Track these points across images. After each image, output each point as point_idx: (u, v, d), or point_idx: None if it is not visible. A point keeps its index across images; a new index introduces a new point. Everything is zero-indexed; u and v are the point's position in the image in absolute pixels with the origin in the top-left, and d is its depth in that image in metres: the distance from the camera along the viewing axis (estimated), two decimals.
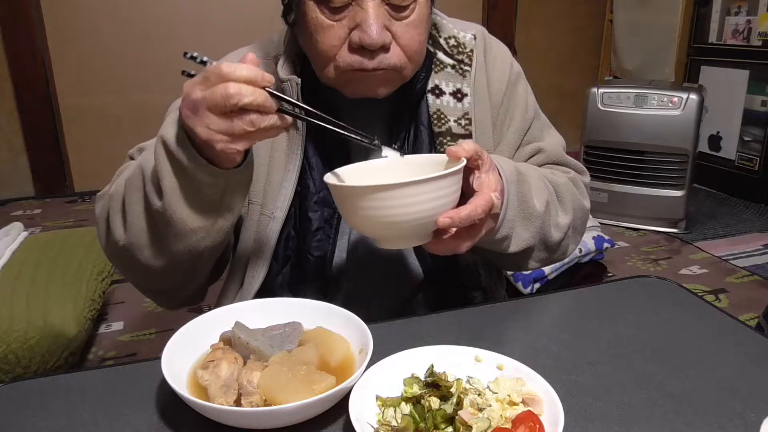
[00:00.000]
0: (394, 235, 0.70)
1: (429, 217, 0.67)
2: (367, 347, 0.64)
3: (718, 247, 2.69)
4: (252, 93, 0.62)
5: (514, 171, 0.80)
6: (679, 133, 2.72)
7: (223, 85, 0.62)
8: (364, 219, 0.68)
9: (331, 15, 0.75)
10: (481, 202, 0.69)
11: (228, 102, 0.61)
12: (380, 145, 0.74)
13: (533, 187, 0.82)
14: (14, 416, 0.63)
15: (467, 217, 0.68)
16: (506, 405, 0.59)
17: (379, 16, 0.73)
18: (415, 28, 0.77)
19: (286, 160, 0.85)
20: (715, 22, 3.40)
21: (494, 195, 0.71)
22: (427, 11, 0.79)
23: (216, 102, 0.62)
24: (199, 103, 0.63)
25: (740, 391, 0.65)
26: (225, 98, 0.61)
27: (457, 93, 0.88)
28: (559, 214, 0.87)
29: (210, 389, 0.61)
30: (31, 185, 3.33)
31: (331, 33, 0.75)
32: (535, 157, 0.96)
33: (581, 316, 0.81)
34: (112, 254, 0.81)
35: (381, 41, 0.74)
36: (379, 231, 0.70)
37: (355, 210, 0.68)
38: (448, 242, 0.71)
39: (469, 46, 0.89)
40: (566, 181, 0.91)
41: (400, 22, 0.76)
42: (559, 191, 0.89)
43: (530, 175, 0.83)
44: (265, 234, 0.86)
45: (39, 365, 1.55)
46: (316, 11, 0.75)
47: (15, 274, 1.79)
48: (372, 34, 0.73)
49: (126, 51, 3.26)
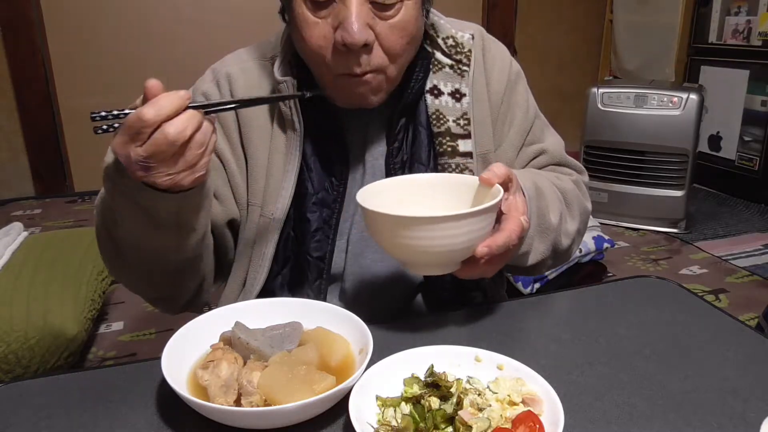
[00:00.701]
0: (428, 263, 0.69)
1: (466, 248, 0.68)
2: (367, 347, 0.64)
3: (718, 247, 2.69)
4: (188, 121, 0.60)
5: (533, 187, 0.81)
6: (679, 133, 2.72)
7: (161, 134, 0.59)
8: (401, 247, 0.69)
9: (315, 11, 0.74)
10: (515, 228, 0.70)
11: (175, 145, 0.60)
12: (310, 95, 0.77)
13: (549, 201, 0.84)
14: (14, 416, 0.63)
15: (504, 246, 0.69)
16: (506, 405, 0.59)
17: (361, 14, 0.73)
18: (399, 30, 0.76)
19: (285, 161, 0.85)
20: (715, 22, 3.40)
21: (523, 219, 0.72)
22: (414, 14, 0.77)
23: (164, 151, 0.60)
24: (147, 160, 0.60)
25: (740, 391, 0.65)
26: (171, 144, 0.60)
27: (455, 93, 0.88)
28: (568, 221, 0.88)
29: (210, 389, 0.61)
30: (31, 185, 3.33)
31: (316, 31, 0.75)
32: (539, 158, 0.97)
33: (581, 316, 0.81)
34: (105, 262, 0.84)
35: (362, 40, 0.73)
36: (413, 258, 0.70)
37: (393, 237, 0.68)
38: (481, 268, 0.72)
39: (467, 46, 0.88)
40: (573, 187, 0.93)
41: (384, 22, 0.75)
42: (567, 198, 0.90)
43: (545, 187, 0.85)
44: (266, 235, 0.86)
45: (39, 365, 1.55)
46: (302, 6, 0.75)
47: (15, 274, 1.79)
48: (354, 33, 0.72)
49: (126, 51, 3.26)
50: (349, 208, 0.89)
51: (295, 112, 0.83)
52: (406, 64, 0.82)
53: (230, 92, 0.87)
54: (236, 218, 0.88)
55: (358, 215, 0.88)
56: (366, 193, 0.73)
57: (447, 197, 0.77)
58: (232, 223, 0.89)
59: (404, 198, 0.77)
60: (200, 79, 0.91)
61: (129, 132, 0.60)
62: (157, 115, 0.59)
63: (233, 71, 0.87)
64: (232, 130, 0.87)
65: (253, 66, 0.88)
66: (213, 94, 0.87)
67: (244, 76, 0.87)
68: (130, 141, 0.60)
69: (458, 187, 0.76)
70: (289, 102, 0.83)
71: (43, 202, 3.27)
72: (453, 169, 0.88)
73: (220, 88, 0.87)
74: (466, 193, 0.76)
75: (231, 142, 0.87)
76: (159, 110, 0.59)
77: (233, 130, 0.87)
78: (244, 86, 0.87)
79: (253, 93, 0.86)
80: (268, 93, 0.86)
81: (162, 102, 0.59)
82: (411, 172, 0.88)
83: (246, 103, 0.75)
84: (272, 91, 0.86)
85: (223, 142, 0.87)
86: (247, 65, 0.88)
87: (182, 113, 0.61)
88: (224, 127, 0.87)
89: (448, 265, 0.71)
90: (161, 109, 0.59)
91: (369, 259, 0.89)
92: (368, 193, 0.73)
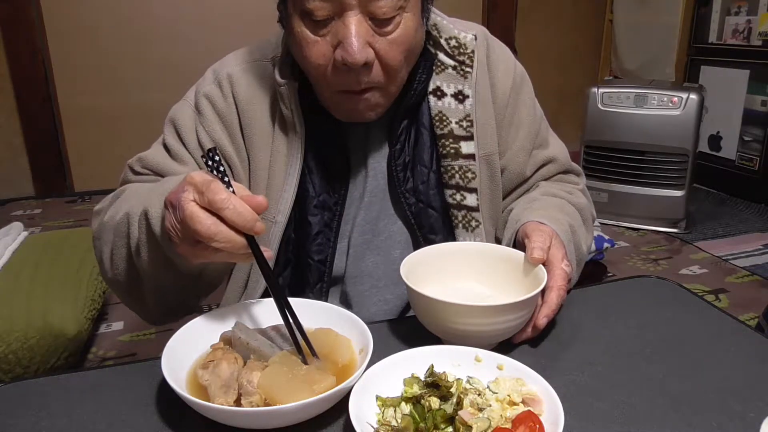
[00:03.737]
0: (476, 345, 0.68)
1: (514, 329, 0.71)
2: (367, 347, 0.64)
3: (718, 247, 2.69)
4: (226, 241, 0.59)
5: (568, 230, 0.85)
6: (679, 133, 2.72)
7: (200, 218, 0.59)
8: (447, 330, 0.70)
9: (314, 29, 0.74)
10: (563, 284, 0.74)
11: (202, 240, 0.60)
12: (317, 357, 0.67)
13: (580, 234, 0.89)
14: (14, 416, 0.63)
15: (558, 306, 0.73)
16: (506, 405, 0.59)
17: (360, 33, 0.72)
18: (398, 45, 0.75)
19: (286, 164, 0.85)
20: (715, 22, 3.40)
21: (564, 266, 0.76)
22: (413, 25, 0.76)
23: (188, 236, 0.61)
24: (178, 230, 0.62)
25: (740, 391, 0.65)
26: (196, 235, 0.59)
27: (458, 94, 0.88)
28: (587, 238, 0.93)
29: (210, 389, 0.61)
30: (31, 185, 3.33)
31: (316, 49, 0.74)
32: (548, 167, 0.98)
33: (581, 316, 0.81)
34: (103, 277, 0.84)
35: (363, 59, 0.72)
36: (461, 341, 0.69)
37: (441, 321, 0.70)
38: (536, 331, 0.74)
39: (470, 46, 0.87)
40: (586, 202, 0.97)
41: (383, 38, 0.74)
42: (584, 215, 0.94)
43: (574, 218, 0.89)
44: (268, 239, 0.85)
45: (39, 365, 1.55)
46: (301, 25, 0.74)
47: (15, 274, 1.79)
48: (354, 53, 0.71)
49: (126, 51, 3.26)
50: (350, 211, 0.89)
51: (297, 115, 0.83)
52: (405, 77, 0.82)
53: (232, 93, 0.86)
54: None
55: (360, 218, 0.88)
56: (409, 264, 0.75)
57: (486, 267, 0.81)
58: None
59: (447, 267, 0.80)
60: (201, 80, 0.90)
61: (201, 186, 0.59)
62: (221, 207, 0.59)
63: (234, 72, 0.87)
64: (236, 131, 0.86)
65: (255, 66, 0.87)
66: (215, 95, 0.87)
67: (245, 76, 0.87)
68: (194, 192, 0.60)
69: (498, 257, 0.80)
70: (291, 104, 0.82)
71: (43, 202, 3.27)
72: (456, 171, 0.88)
73: (222, 89, 0.87)
74: (504, 261, 0.80)
75: (235, 143, 0.87)
76: (228, 207, 0.59)
77: (237, 132, 0.86)
78: (246, 87, 0.86)
79: (254, 94, 0.86)
80: (270, 94, 0.86)
81: (238, 207, 0.59)
82: (413, 173, 0.88)
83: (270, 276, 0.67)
84: (273, 93, 0.85)
85: (229, 145, 0.86)
86: (249, 66, 0.88)
87: (236, 234, 0.60)
88: (228, 128, 0.86)
89: (492, 344, 0.73)
90: (230, 209, 0.59)
91: (370, 262, 0.89)
92: (411, 264, 0.76)
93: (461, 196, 0.88)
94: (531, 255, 0.75)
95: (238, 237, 0.60)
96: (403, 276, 0.72)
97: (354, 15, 0.71)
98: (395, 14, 0.73)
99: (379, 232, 0.89)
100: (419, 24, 0.79)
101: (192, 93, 0.89)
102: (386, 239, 0.89)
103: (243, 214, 0.59)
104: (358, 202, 0.89)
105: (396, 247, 0.89)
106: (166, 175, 0.85)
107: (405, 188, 0.87)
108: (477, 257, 0.81)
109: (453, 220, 0.89)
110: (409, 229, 0.89)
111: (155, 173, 0.87)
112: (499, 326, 0.69)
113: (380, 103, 0.80)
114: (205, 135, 0.86)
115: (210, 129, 0.86)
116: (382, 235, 0.89)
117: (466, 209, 0.89)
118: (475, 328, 0.68)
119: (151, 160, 0.87)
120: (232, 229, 0.59)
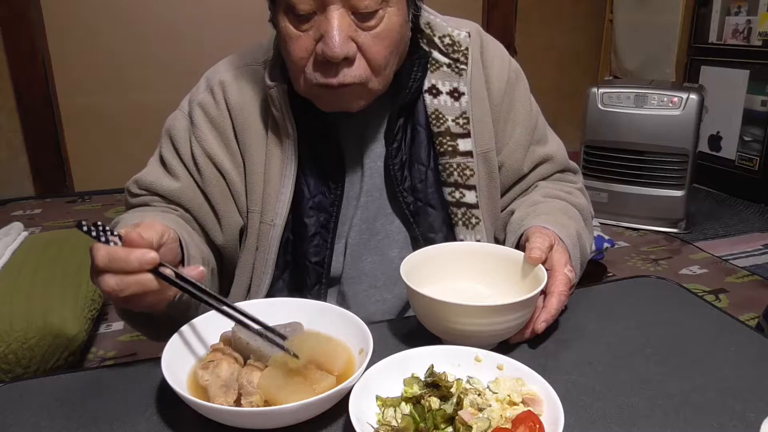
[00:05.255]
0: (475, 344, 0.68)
1: (513, 329, 0.71)
2: (367, 347, 0.64)
3: (718, 247, 2.69)
4: (136, 286, 0.60)
5: (575, 235, 0.85)
6: (679, 133, 2.72)
7: (104, 281, 0.61)
8: (447, 330, 0.70)
9: (297, 24, 0.74)
10: (564, 289, 0.75)
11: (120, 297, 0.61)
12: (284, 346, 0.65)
13: (585, 238, 0.89)
14: (14, 416, 0.63)
15: (558, 310, 0.74)
16: (506, 405, 0.59)
17: (342, 27, 0.72)
18: (382, 40, 0.75)
19: (281, 166, 0.85)
20: (715, 22, 3.40)
21: (567, 270, 0.76)
22: (398, 20, 0.76)
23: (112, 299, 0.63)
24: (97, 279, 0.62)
25: (740, 391, 0.65)
26: (110, 297, 0.62)
27: (454, 92, 0.88)
28: (590, 239, 0.94)
29: (210, 389, 0.61)
30: (31, 185, 3.33)
31: (299, 44, 0.75)
32: (546, 165, 0.98)
33: (581, 316, 0.81)
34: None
35: (343, 53, 0.72)
36: (460, 341, 0.69)
37: (441, 321, 0.70)
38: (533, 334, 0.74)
39: (464, 44, 0.87)
40: (585, 203, 0.97)
41: (366, 33, 0.74)
42: (584, 215, 0.94)
43: (579, 222, 0.89)
44: (267, 242, 0.85)
45: (39, 365, 1.55)
46: (285, 20, 0.75)
47: (15, 274, 1.79)
48: (334, 47, 0.71)
49: (126, 51, 3.26)
50: (347, 211, 0.89)
51: (288, 117, 0.83)
52: (392, 74, 0.81)
53: (224, 99, 0.86)
54: (242, 228, 0.89)
55: (357, 218, 0.88)
56: (409, 264, 0.75)
57: (486, 267, 0.81)
58: (240, 233, 0.89)
59: (446, 267, 0.80)
60: (195, 88, 0.90)
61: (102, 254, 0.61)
62: (104, 265, 0.60)
63: (226, 78, 0.87)
64: (231, 138, 0.86)
65: (246, 71, 0.88)
66: (208, 103, 0.87)
67: (237, 82, 0.87)
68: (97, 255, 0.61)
69: (497, 257, 0.81)
70: (281, 107, 0.82)
71: (43, 202, 3.27)
72: (454, 168, 0.88)
73: (215, 96, 0.87)
74: (504, 261, 0.80)
75: (230, 149, 0.87)
76: (108, 263, 0.60)
77: (231, 139, 0.87)
78: (238, 92, 0.86)
79: (246, 99, 0.86)
80: (261, 98, 0.86)
81: (123, 259, 0.60)
82: (411, 172, 0.88)
83: (203, 293, 0.66)
84: (265, 97, 0.85)
85: (222, 152, 0.86)
86: (240, 71, 0.88)
87: (138, 275, 0.60)
88: (222, 135, 0.86)
89: (492, 344, 0.73)
90: (117, 263, 0.60)
91: (368, 262, 0.89)
92: (411, 264, 0.76)
93: (460, 194, 0.88)
94: (529, 255, 0.75)
95: (142, 277, 0.60)
96: (403, 276, 0.72)
97: (336, 9, 0.72)
98: (378, 8, 0.74)
99: (376, 231, 0.89)
100: (404, 19, 0.79)
101: (186, 102, 0.90)
102: (384, 239, 0.89)
103: (128, 261, 0.59)
104: (354, 202, 0.89)
105: (394, 246, 0.89)
106: (160, 193, 0.87)
107: (403, 187, 0.87)
108: (477, 257, 0.81)
109: (453, 218, 0.89)
110: (408, 228, 0.89)
111: (151, 193, 0.88)
112: (499, 326, 0.69)
113: (362, 97, 0.80)
114: (198, 147, 0.86)
115: (202, 140, 0.86)
116: (379, 235, 0.89)
117: (466, 206, 0.89)
118: (475, 328, 0.68)
119: (145, 180, 0.88)
120: (133, 274, 0.60)
